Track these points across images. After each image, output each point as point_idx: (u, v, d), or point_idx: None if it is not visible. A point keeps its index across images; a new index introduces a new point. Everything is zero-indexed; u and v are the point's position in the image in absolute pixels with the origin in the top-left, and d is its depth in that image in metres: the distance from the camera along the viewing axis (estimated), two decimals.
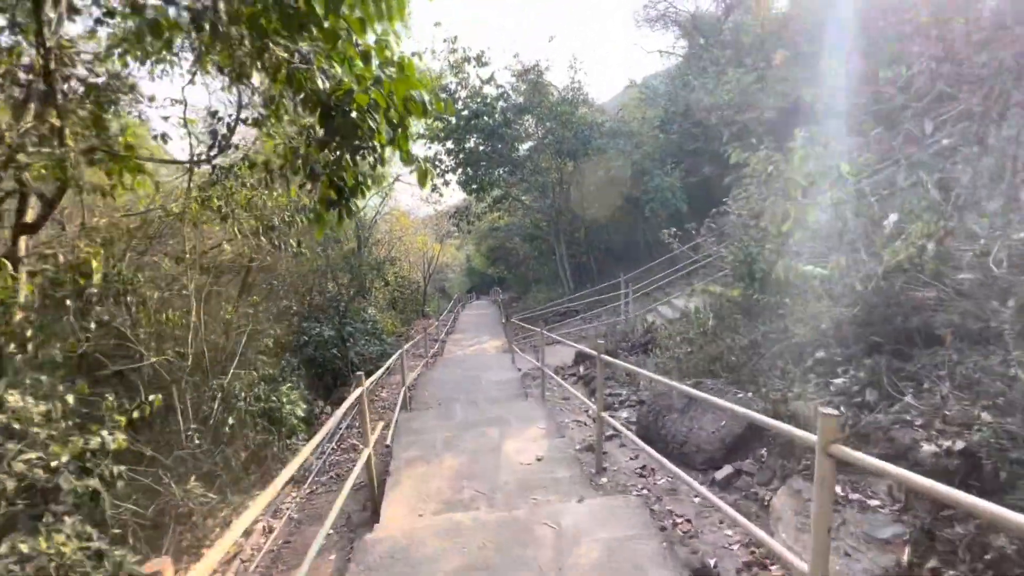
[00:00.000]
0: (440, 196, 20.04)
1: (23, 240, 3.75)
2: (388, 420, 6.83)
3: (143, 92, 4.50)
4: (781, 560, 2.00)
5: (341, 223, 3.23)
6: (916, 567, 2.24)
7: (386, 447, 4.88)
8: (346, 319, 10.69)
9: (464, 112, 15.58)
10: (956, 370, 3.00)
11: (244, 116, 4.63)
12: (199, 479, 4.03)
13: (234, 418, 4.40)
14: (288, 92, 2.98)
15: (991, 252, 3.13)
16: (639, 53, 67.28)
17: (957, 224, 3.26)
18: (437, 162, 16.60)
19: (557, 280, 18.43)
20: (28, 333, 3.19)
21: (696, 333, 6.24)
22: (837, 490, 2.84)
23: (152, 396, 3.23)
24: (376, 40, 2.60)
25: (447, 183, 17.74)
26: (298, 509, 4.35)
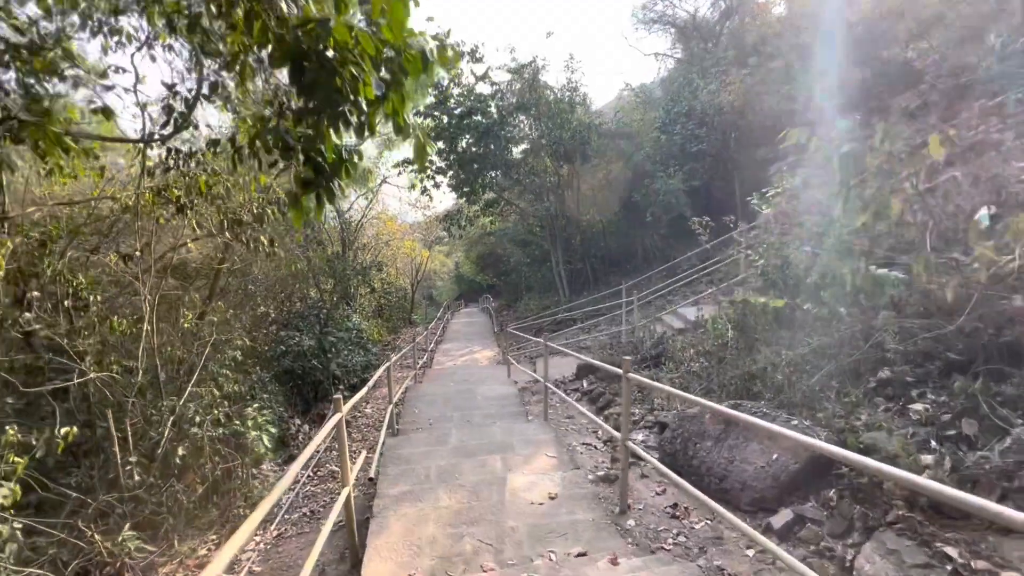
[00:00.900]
0: (430, 200, 19.33)
1: None
2: (372, 441, 6.09)
3: (83, 58, 3.77)
4: None
5: (321, 209, 2.58)
6: None
7: (370, 479, 4.17)
8: (328, 327, 9.90)
9: (457, 111, 14.95)
10: None
11: (205, 91, 3.94)
12: (138, 526, 3.28)
13: (185, 448, 3.64)
14: (251, 44, 2.33)
15: None
16: (633, 60, 67.52)
17: None
18: (427, 163, 15.90)
19: (551, 287, 17.79)
20: None
21: (714, 346, 5.66)
22: (951, 552, 2.22)
23: (65, 429, 2.48)
24: None
25: (437, 185, 17.05)
26: (262, 559, 3.61)
